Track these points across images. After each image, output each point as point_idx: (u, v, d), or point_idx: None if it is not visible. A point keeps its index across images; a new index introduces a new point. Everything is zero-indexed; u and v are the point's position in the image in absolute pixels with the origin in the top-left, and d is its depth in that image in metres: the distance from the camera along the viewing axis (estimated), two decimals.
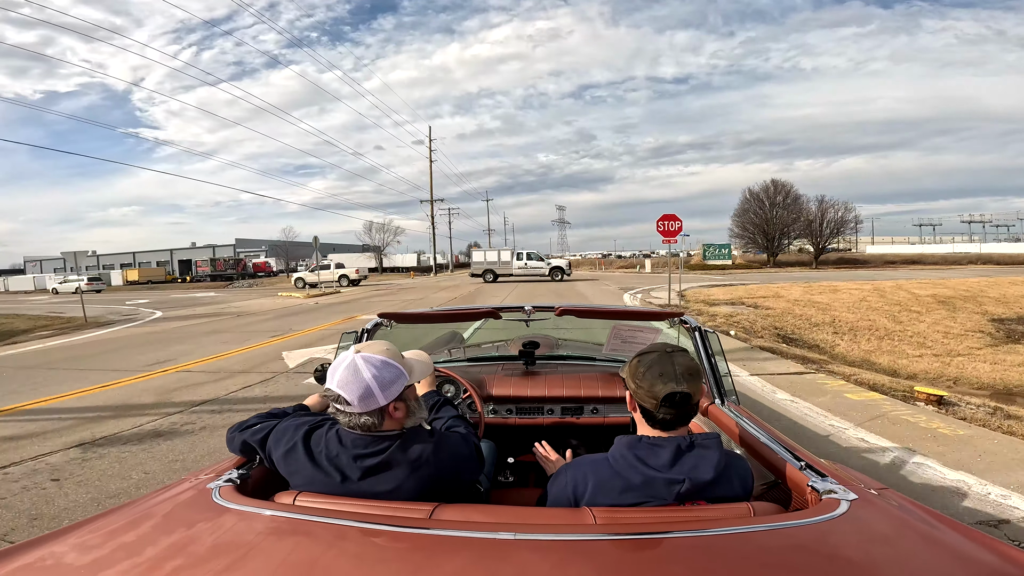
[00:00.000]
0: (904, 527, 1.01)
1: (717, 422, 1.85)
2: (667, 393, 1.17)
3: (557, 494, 1.26)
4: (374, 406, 1.20)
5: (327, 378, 1.24)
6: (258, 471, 1.35)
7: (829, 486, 1.14)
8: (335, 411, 1.23)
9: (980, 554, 0.93)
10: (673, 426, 1.21)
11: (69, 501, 3.11)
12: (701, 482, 1.13)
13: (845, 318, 11.36)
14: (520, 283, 27.44)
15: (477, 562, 0.88)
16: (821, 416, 4.41)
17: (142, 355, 8.58)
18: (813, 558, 0.92)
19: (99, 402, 5.52)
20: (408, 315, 2.38)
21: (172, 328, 12.73)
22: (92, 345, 10.33)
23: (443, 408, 1.65)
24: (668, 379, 1.19)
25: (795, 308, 12.56)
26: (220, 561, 0.88)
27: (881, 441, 3.76)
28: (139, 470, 3.59)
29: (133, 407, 5.26)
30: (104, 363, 8.02)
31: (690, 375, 1.21)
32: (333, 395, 1.21)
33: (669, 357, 1.23)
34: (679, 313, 2.21)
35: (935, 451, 3.52)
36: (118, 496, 3.17)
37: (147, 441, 4.19)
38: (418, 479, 1.20)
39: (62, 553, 0.95)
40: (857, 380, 5.64)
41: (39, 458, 3.84)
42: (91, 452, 3.95)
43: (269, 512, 1.05)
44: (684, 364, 1.22)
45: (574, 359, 2.89)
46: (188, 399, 5.53)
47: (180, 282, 56.11)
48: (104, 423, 4.70)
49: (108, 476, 3.49)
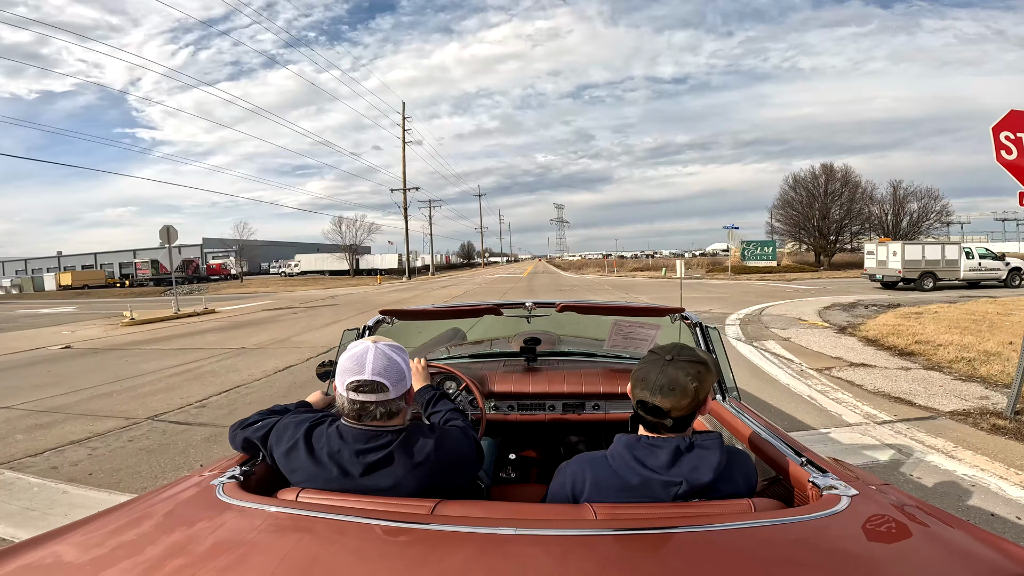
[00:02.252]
0: (903, 523, 1.00)
1: (718, 418, 1.82)
2: (639, 400, 1.18)
3: (556, 491, 1.25)
4: (404, 390, 1.22)
5: (343, 372, 1.21)
6: (261, 468, 1.32)
7: (830, 482, 1.14)
8: (357, 405, 1.19)
9: (979, 550, 0.92)
10: (658, 430, 1.18)
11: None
12: (699, 484, 1.11)
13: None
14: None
15: (479, 556, 0.88)
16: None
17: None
18: (813, 553, 0.91)
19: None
20: (409, 312, 2.38)
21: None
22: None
23: (440, 402, 1.64)
24: (645, 387, 1.17)
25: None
26: (224, 558, 0.87)
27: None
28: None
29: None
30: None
31: (670, 390, 1.15)
32: (367, 383, 1.17)
33: (662, 366, 1.18)
34: (680, 309, 2.17)
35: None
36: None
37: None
38: (420, 475, 1.18)
39: (66, 551, 0.93)
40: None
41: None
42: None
43: (273, 508, 1.04)
44: (669, 377, 1.16)
45: (575, 355, 2.81)
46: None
47: (119, 287, 48.58)
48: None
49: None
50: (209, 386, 6.35)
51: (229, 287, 41.05)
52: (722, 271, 33.47)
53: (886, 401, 4.91)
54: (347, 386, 1.19)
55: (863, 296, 15.37)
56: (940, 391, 5.15)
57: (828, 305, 12.93)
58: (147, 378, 6.91)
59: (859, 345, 7.74)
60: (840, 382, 5.63)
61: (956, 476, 3.24)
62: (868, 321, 9.69)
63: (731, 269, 33.08)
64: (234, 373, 7.11)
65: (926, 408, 4.64)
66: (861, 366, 6.38)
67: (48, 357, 9.15)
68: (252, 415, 1.40)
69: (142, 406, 5.46)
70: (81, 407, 5.52)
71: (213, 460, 1.44)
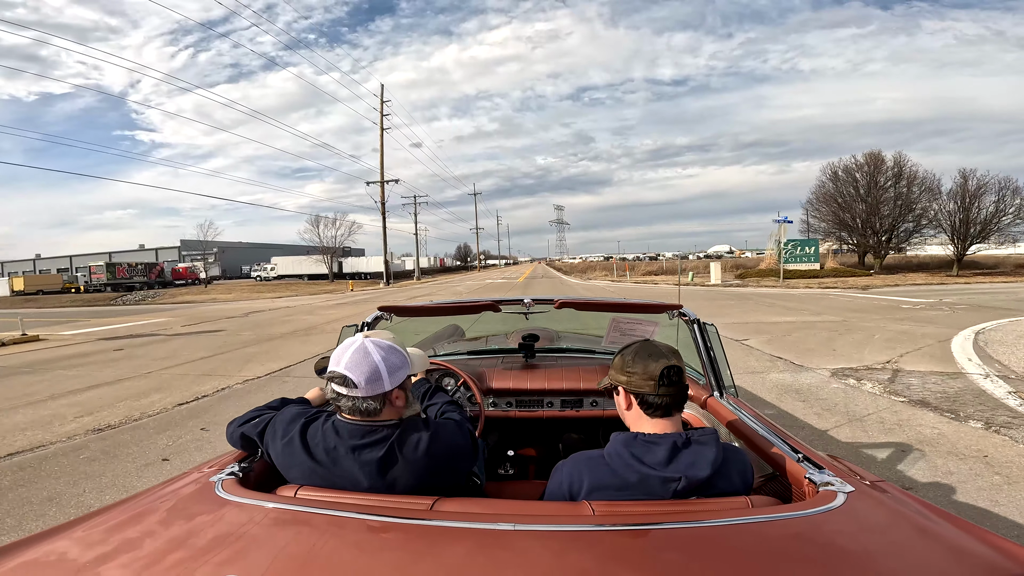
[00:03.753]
0: (899, 519, 1.01)
1: (716, 414, 1.84)
2: (663, 369, 1.18)
3: (553, 491, 1.24)
4: (379, 391, 1.19)
5: (331, 363, 1.22)
6: (260, 464, 1.32)
7: (826, 478, 1.14)
8: (335, 396, 1.20)
9: (973, 546, 0.92)
10: (670, 411, 1.20)
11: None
12: (698, 480, 1.11)
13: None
14: None
15: (478, 551, 0.88)
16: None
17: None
18: (809, 549, 0.92)
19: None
20: (408, 308, 2.38)
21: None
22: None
23: (436, 395, 1.65)
24: (659, 356, 1.20)
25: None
26: (224, 553, 0.88)
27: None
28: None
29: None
30: None
31: (673, 352, 1.22)
32: (338, 376, 1.17)
33: (649, 342, 1.25)
34: (678, 306, 2.17)
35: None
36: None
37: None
38: (416, 469, 1.18)
39: (66, 548, 0.94)
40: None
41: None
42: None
43: (271, 504, 1.04)
44: (665, 345, 1.24)
45: (574, 352, 2.85)
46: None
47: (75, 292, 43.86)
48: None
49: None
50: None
51: (188, 293, 36.49)
52: (761, 275, 27.75)
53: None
54: (327, 375, 1.21)
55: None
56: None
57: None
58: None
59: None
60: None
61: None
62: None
63: (756, 273, 27.37)
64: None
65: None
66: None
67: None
68: (249, 411, 1.40)
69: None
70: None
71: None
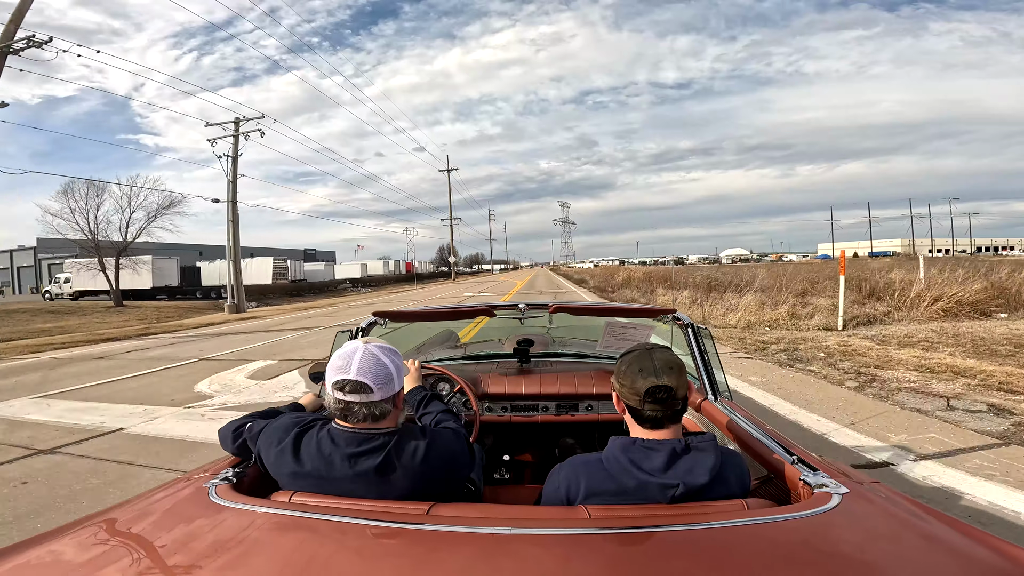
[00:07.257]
0: (894, 520, 1.01)
1: (710, 418, 1.84)
2: (648, 388, 1.16)
3: (550, 495, 1.24)
4: (390, 392, 1.21)
5: (331, 371, 1.21)
6: (254, 470, 1.32)
7: (821, 480, 1.15)
8: (344, 405, 1.19)
9: (968, 546, 0.93)
10: (662, 424, 1.19)
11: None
12: (696, 486, 1.11)
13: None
14: None
15: (478, 556, 0.88)
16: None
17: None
18: (805, 551, 0.92)
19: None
20: (402, 313, 2.42)
21: None
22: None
23: (431, 403, 1.64)
24: (648, 374, 1.18)
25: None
26: (218, 559, 0.87)
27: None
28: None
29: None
30: None
31: (670, 368, 1.18)
32: (351, 383, 1.16)
33: (648, 354, 1.22)
34: (672, 310, 2.17)
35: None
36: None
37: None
38: (412, 477, 1.18)
39: (61, 551, 0.94)
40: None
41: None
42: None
43: (265, 510, 1.04)
44: (663, 359, 1.20)
45: (569, 356, 2.85)
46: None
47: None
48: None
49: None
50: None
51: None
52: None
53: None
54: (333, 385, 1.20)
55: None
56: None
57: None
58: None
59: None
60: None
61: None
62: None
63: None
64: None
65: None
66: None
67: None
68: (243, 417, 1.40)
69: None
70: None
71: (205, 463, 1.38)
